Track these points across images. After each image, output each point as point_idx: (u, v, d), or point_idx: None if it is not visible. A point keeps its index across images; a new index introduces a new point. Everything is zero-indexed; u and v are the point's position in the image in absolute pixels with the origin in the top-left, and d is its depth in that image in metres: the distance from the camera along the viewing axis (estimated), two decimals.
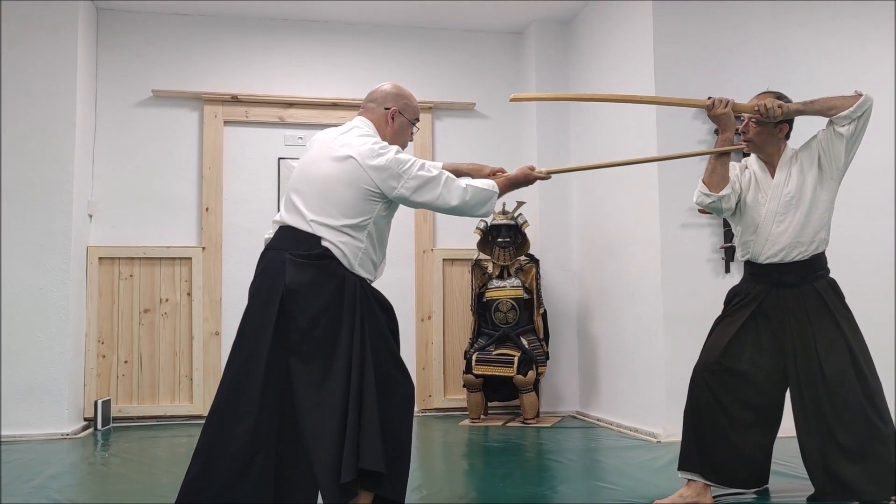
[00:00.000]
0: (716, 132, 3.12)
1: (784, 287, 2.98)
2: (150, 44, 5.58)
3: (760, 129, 3.01)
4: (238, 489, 2.39)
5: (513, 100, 3.07)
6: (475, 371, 5.18)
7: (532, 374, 5.12)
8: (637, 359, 4.77)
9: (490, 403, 5.44)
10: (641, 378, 4.71)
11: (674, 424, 3.84)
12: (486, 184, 2.71)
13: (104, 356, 5.31)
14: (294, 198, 2.60)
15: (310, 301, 2.47)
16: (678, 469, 3.04)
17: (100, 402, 5.06)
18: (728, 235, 4.44)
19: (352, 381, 2.43)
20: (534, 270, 5.40)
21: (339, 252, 2.52)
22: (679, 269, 4.48)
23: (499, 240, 5.34)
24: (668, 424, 4.29)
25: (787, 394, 3.02)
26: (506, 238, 5.33)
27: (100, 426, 5.02)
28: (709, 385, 2.97)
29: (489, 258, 5.43)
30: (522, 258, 5.43)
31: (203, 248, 5.49)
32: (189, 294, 5.45)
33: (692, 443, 3.00)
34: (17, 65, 4.95)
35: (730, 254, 4.47)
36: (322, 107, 5.69)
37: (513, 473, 3.71)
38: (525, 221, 5.38)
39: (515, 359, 5.11)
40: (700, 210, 3.62)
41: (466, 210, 2.67)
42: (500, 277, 5.37)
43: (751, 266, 3.09)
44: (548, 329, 5.42)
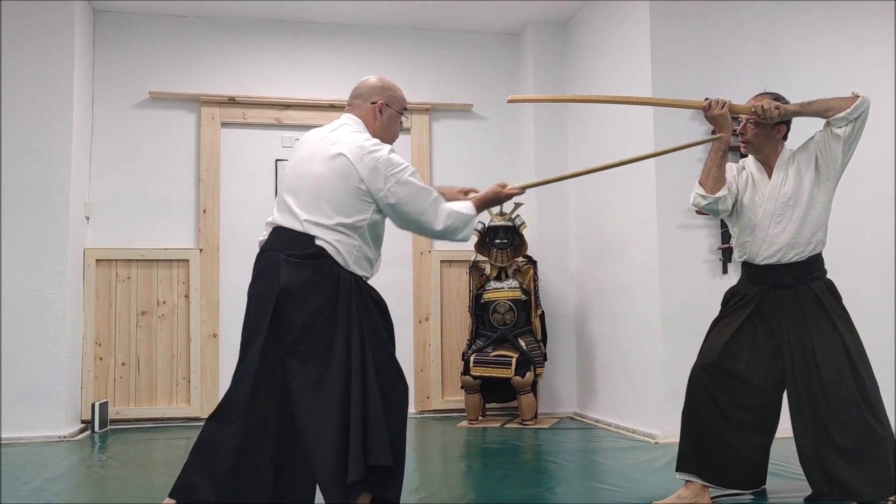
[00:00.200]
0: (713, 133, 3.12)
1: (781, 288, 2.98)
2: (147, 45, 5.58)
3: (758, 131, 3.02)
4: (230, 489, 2.39)
5: (510, 101, 3.07)
6: (473, 372, 5.18)
7: (530, 376, 5.12)
8: (635, 360, 4.77)
9: (488, 405, 5.43)
10: (639, 379, 4.71)
11: (672, 425, 3.84)
12: (465, 206, 2.65)
13: (101, 358, 5.30)
14: (286, 198, 2.58)
15: (305, 301, 2.46)
16: (676, 470, 3.04)
17: (97, 405, 5.05)
18: (725, 236, 4.44)
19: (352, 380, 2.41)
20: (531, 272, 5.40)
21: (334, 250, 2.50)
22: (676, 270, 4.49)
23: (496, 241, 5.34)
24: (666, 425, 4.29)
25: (785, 395, 3.03)
26: (503, 239, 5.33)
27: (97, 428, 5.01)
28: (706, 386, 2.97)
29: (487, 260, 5.43)
30: (520, 259, 5.43)
31: (200, 250, 5.48)
32: (186, 296, 5.44)
33: (690, 444, 3.00)
34: (14, 66, 4.94)
35: (727, 255, 4.48)
36: (319, 108, 5.68)
37: (511, 475, 3.71)
38: (523, 223, 5.38)
39: (513, 360, 5.11)
40: (697, 211, 3.62)
41: (448, 234, 2.60)
42: (498, 279, 5.37)
43: (748, 267, 3.09)
44: (545, 330, 5.42)
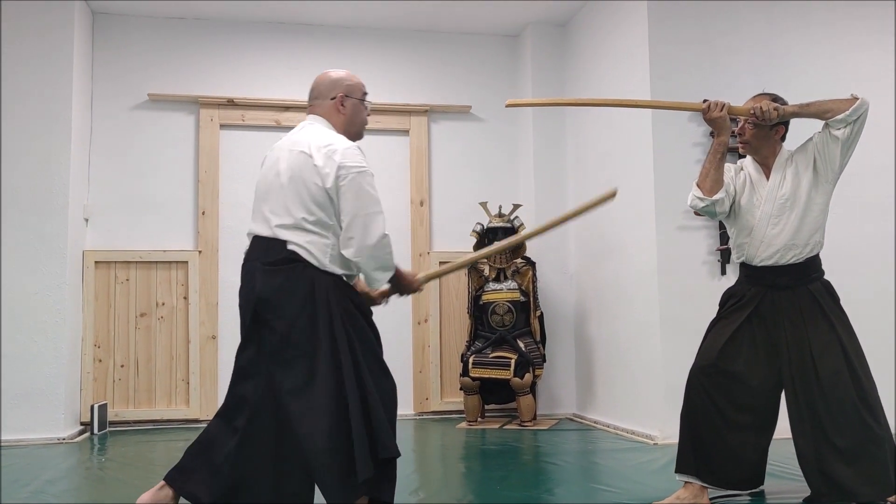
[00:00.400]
0: (711, 135, 3.12)
1: (779, 289, 2.98)
2: (146, 47, 5.58)
3: (756, 131, 3.01)
4: (226, 490, 2.45)
5: (508, 105, 3.08)
6: (472, 374, 5.18)
7: (529, 377, 5.12)
8: (634, 361, 4.78)
9: (487, 406, 5.44)
10: (638, 380, 4.71)
11: (671, 426, 3.85)
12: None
13: (100, 360, 5.30)
14: (260, 206, 2.62)
15: (283, 307, 2.48)
16: (676, 471, 3.04)
17: (96, 407, 5.05)
18: (724, 238, 4.44)
19: (345, 379, 2.42)
20: (530, 273, 5.40)
21: (306, 252, 2.49)
22: (675, 272, 4.49)
23: (495, 242, 5.34)
24: (665, 426, 4.29)
25: (783, 395, 3.03)
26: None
27: (96, 430, 5.01)
28: (705, 387, 2.97)
29: (485, 261, 5.43)
30: (519, 261, 5.43)
31: (199, 252, 5.48)
32: (186, 298, 5.44)
33: (688, 445, 3.00)
34: (13, 69, 4.94)
35: (726, 256, 4.48)
36: None
37: (510, 476, 3.71)
38: (521, 224, 5.38)
39: (512, 361, 5.11)
40: (695, 213, 3.63)
41: (371, 258, 2.52)
42: (497, 280, 5.38)
43: (746, 268, 3.09)
44: (544, 331, 5.43)
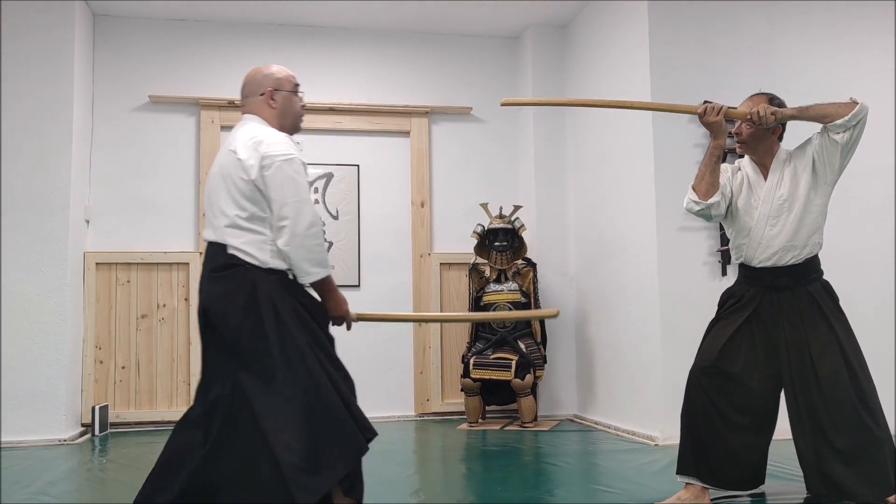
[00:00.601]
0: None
1: (778, 290, 2.98)
2: (147, 49, 5.58)
3: (753, 131, 3.00)
4: (193, 495, 2.48)
5: (503, 104, 3.09)
6: (473, 375, 5.18)
7: (530, 378, 5.12)
8: (634, 362, 4.78)
9: (488, 407, 5.44)
10: (639, 381, 4.72)
11: (672, 427, 3.85)
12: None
13: (101, 362, 5.30)
14: (207, 212, 2.64)
15: (227, 314, 2.49)
16: (677, 472, 3.04)
17: (97, 408, 5.05)
18: (725, 239, 4.43)
19: (313, 374, 2.44)
20: (531, 274, 5.40)
21: (245, 253, 2.49)
22: (676, 273, 4.49)
23: (496, 244, 5.35)
24: (666, 427, 4.30)
25: (783, 396, 3.03)
26: (503, 242, 5.34)
27: (97, 432, 5.01)
28: (704, 388, 2.98)
29: (486, 262, 5.44)
30: (520, 262, 5.43)
31: (200, 254, 5.48)
32: (186, 299, 5.44)
33: (689, 446, 3.01)
34: (14, 70, 4.95)
35: (726, 257, 4.48)
36: (318, 112, 5.67)
37: (510, 477, 3.72)
38: (522, 225, 5.39)
39: (513, 363, 5.11)
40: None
41: (301, 247, 2.46)
42: (498, 281, 5.38)
43: (745, 269, 3.09)
44: (545, 333, 5.43)
